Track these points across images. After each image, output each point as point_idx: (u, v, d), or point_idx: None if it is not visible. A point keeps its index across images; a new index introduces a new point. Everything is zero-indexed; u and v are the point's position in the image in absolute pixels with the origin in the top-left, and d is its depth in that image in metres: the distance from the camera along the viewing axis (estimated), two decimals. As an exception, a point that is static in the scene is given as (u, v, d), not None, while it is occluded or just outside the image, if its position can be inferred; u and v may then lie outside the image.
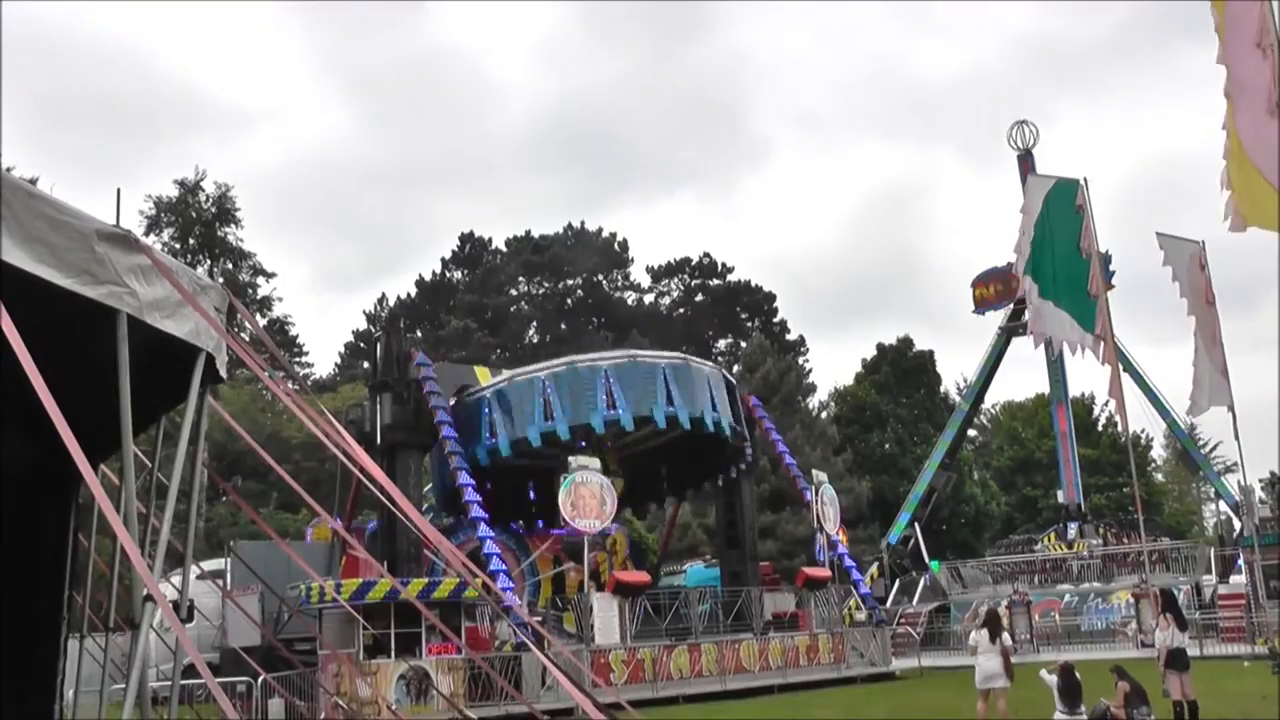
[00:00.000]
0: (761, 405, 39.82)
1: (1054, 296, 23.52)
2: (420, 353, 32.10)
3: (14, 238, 4.72)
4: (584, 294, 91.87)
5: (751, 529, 37.53)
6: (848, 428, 71.44)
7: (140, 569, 4.84)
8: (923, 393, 76.47)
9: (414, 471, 30.84)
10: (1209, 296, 27.94)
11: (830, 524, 35.52)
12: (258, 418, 56.33)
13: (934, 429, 67.95)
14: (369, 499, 38.62)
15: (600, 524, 29.75)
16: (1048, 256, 23.97)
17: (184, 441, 5.82)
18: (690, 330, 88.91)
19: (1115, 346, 23.34)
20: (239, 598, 26.72)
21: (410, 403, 30.74)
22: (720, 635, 31.19)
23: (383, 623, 24.32)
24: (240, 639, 24.94)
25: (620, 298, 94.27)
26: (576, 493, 29.20)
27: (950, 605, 43.74)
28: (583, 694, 6.58)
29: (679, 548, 53.52)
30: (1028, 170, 51.13)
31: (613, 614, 28.39)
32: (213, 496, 51.32)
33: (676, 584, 40.34)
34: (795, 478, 37.77)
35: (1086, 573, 43.70)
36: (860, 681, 31.89)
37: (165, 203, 66.92)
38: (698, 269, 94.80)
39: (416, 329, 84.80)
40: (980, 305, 57.56)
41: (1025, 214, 23.78)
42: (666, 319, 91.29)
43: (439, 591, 24.73)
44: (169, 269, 5.64)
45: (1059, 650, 34.46)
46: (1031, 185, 25.32)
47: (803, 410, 67.50)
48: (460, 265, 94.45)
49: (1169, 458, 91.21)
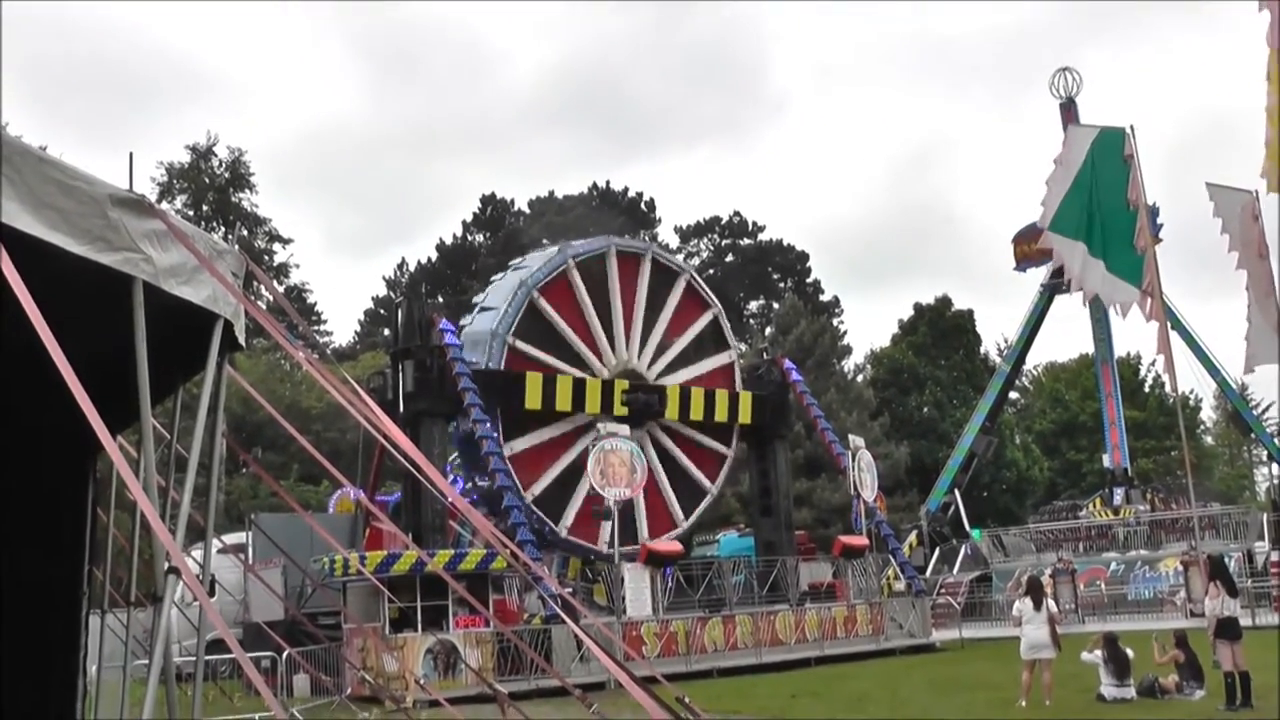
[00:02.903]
0: (796, 368, 39.77)
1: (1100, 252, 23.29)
2: (443, 318, 32.16)
3: (25, 204, 4.71)
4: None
5: (786, 497, 37.55)
6: (885, 391, 71.26)
7: (165, 539, 4.86)
8: (962, 354, 76.20)
9: (438, 440, 30.95)
10: (1262, 249, 27.56)
11: (867, 491, 35.47)
12: (276, 388, 56.60)
13: (974, 391, 67.72)
14: (392, 469, 38.87)
15: (630, 492, 29.80)
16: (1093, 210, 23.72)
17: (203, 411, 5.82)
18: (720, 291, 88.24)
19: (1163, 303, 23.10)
20: (261, 571, 26.91)
21: (433, 370, 30.80)
22: (755, 607, 31.26)
23: (408, 595, 24.47)
24: (263, 613, 25.13)
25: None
26: (605, 460, 29.24)
27: (992, 574, 43.65)
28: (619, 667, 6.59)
29: (711, 517, 53.61)
30: (1070, 120, 50.63)
31: (644, 585, 28.48)
32: (232, 469, 51.63)
33: (709, 554, 40.44)
34: (831, 443, 37.75)
35: (1133, 540, 43.50)
36: (899, 654, 31.87)
37: (177, 169, 67.16)
38: (727, 228, 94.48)
39: (438, 294, 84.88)
40: (1021, 262, 57.20)
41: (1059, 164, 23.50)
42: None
43: (466, 563, 24.87)
44: (184, 234, 5.64)
45: (1104, 620, 34.42)
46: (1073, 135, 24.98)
47: (838, 373, 67.37)
48: (482, 228, 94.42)
49: (1219, 419, 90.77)
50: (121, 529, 7.89)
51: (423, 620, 24.61)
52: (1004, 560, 45.38)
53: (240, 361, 50.72)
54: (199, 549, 6.96)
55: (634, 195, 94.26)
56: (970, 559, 47.38)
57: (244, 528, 32.42)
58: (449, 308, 75.14)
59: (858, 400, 64.20)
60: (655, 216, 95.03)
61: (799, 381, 38.79)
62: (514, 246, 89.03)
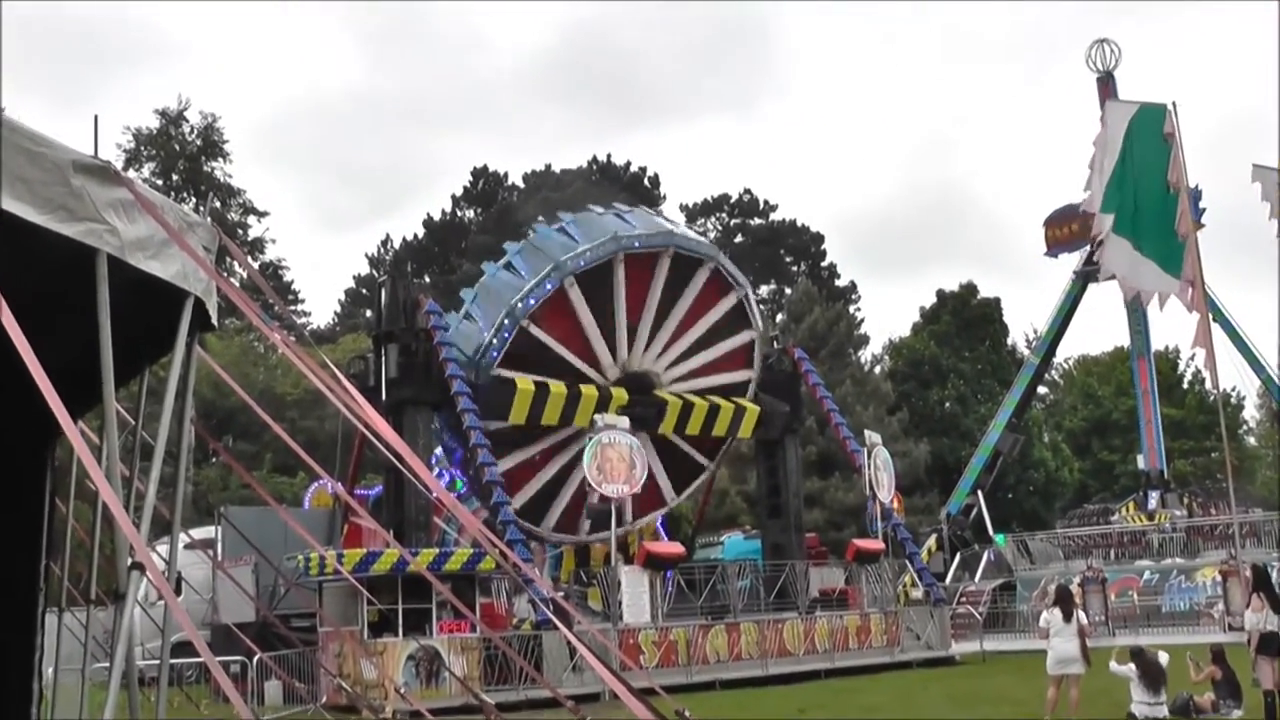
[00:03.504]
0: (808, 359, 39.76)
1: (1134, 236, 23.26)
2: (429, 299, 32.10)
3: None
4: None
5: (796, 496, 37.56)
6: (904, 384, 71.19)
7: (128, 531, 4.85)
8: (988, 345, 76.07)
9: (423, 431, 30.94)
10: (1315, 235, 27.59)
11: (884, 491, 35.48)
12: (249, 372, 56.57)
13: (1000, 386, 67.60)
14: (373, 461, 38.88)
15: (630, 490, 29.80)
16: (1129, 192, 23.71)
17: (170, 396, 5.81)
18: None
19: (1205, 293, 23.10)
20: (231, 569, 26.91)
21: (419, 355, 30.77)
22: (761, 614, 31.26)
23: (389, 597, 24.46)
24: (232, 614, 25.14)
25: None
26: (603, 455, 29.24)
27: (1016, 582, 43.62)
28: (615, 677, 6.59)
29: (716, 517, 53.61)
30: (1107, 95, 50.51)
31: (643, 590, 28.48)
32: (201, 458, 51.64)
33: (713, 557, 40.44)
34: (845, 439, 37.71)
35: (1169, 547, 43.48)
36: (916, 666, 31.92)
37: (145, 135, 67.11)
38: (736, 207, 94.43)
39: (425, 273, 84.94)
40: (1053, 247, 57.09)
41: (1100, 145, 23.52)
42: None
43: (451, 563, 24.85)
44: (153, 204, 5.62)
45: (1137, 633, 34.41)
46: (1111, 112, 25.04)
47: (854, 364, 67.40)
48: (473, 203, 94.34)
49: (1263, 419, 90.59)
50: (82, 521, 7.88)
51: (404, 624, 24.60)
52: (1030, 568, 45.37)
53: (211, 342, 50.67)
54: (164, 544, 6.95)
55: (636, 170, 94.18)
56: (993, 566, 47.36)
57: (213, 522, 32.39)
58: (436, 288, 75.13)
59: (874, 393, 64.21)
60: (659, 193, 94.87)
61: (812, 372, 38.76)
62: (507, 223, 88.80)
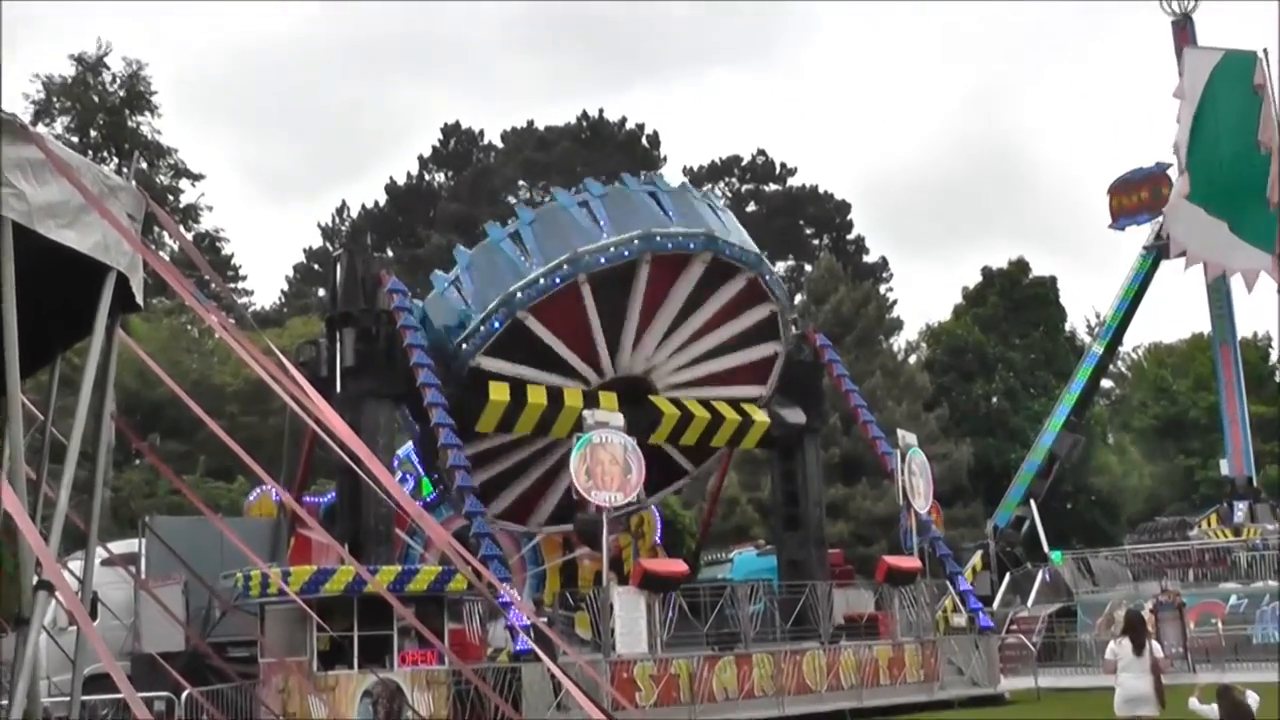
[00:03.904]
0: (831, 346, 39.68)
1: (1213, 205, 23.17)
2: (393, 276, 32.04)
3: None
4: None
5: (817, 506, 37.51)
6: (943, 375, 71.32)
7: (35, 545, 4.81)
8: (1042, 331, 76.20)
9: (384, 428, 30.88)
10: None
11: (920, 500, 35.44)
12: (181, 359, 56.53)
13: (1056, 378, 67.70)
14: (326, 463, 38.83)
15: (624, 497, 29.75)
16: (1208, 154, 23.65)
17: (87, 387, 5.77)
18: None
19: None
20: (156, 589, 26.81)
21: (380, 340, 30.70)
22: (777, 644, 31.23)
23: (343, 622, 24.41)
24: (158, 642, 25.09)
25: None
26: (593, 457, 29.15)
27: (1077, 608, 43.64)
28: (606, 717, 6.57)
29: (724, 529, 53.64)
30: (1185, 42, 50.37)
31: (639, 615, 28.44)
32: (123, 460, 51.57)
33: (720, 576, 40.44)
34: (875, 440, 37.66)
35: (1259, 567, 43.41)
36: (958, 705, 31.89)
37: (58, 84, 66.85)
38: (749, 171, 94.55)
39: (387, 246, 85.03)
40: (1119, 218, 57.03)
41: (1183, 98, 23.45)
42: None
43: (416, 582, 24.81)
44: (68, 165, 5.58)
45: (1222, 669, 34.31)
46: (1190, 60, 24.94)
47: (885, 353, 67.41)
48: (443, 165, 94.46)
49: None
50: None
51: (360, 654, 24.57)
52: (1092, 590, 45.38)
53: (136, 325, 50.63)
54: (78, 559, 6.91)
55: (633, 128, 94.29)
56: (1049, 587, 47.37)
57: (136, 534, 32.35)
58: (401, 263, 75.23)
59: (909, 387, 64.22)
60: (658, 154, 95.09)
61: (836, 362, 38.69)
62: (483, 189, 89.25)
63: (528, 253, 31.64)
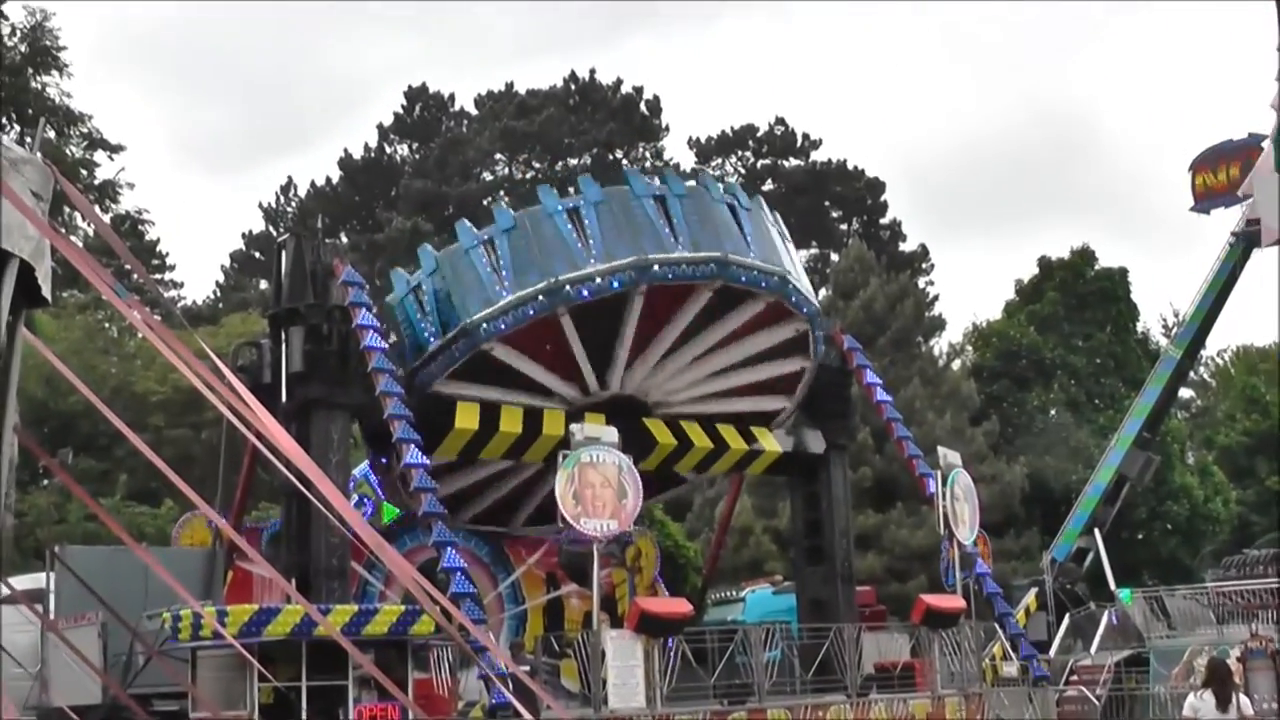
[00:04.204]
0: (861, 349, 39.71)
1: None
2: (348, 266, 32.07)
3: None
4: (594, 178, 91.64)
5: (844, 535, 37.59)
6: (993, 384, 71.39)
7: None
8: (1109, 332, 76.28)
9: (338, 444, 30.87)
10: None
11: (964, 529, 35.48)
12: (98, 362, 56.55)
13: (1126, 387, 67.77)
14: (269, 485, 38.88)
15: (618, 526, 29.77)
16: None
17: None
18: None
19: None
20: (67, 631, 26.85)
21: (332, 341, 30.69)
22: (796, 697, 31.32)
23: (290, 670, 24.45)
24: (69, 694, 25.05)
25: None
26: (582, 478, 29.14)
27: (1150, 655, 43.71)
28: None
29: (735, 563, 53.71)
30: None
31: (635, 663, 28.44)
32: (28, 479, 51.57)
33: (731, 618, 40.49)
34: (912, 459, 37.73)
35: (1368, 609, 43.53)
36: (1009, 767, 32.02)
37: (-59, 39, 66.86)
38: (765, 143, 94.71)
39: (341, 231, 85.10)
40: (1203, 199, 57.09)
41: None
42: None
43: (375, 624, 24.84)
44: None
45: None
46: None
47: (924, 356, 67.49)
48: (407, 136, 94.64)
49: None
50: None
51: (310, 708, 24.62)
52: (1168, 634, 45.44)
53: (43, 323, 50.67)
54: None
55: (629, 91, 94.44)
56: (1116, 631, 47.42)
57: (44, 566, 32.40)
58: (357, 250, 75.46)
59: (953, 396, 64.28)
60: (660, 123, 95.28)
61: (866, 368, 38.71)
62: (453, 162, 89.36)
63: (499, 270, 31.39)
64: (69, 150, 67.39)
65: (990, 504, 47.82)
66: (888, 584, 52.12)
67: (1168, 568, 64.64)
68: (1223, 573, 51.52)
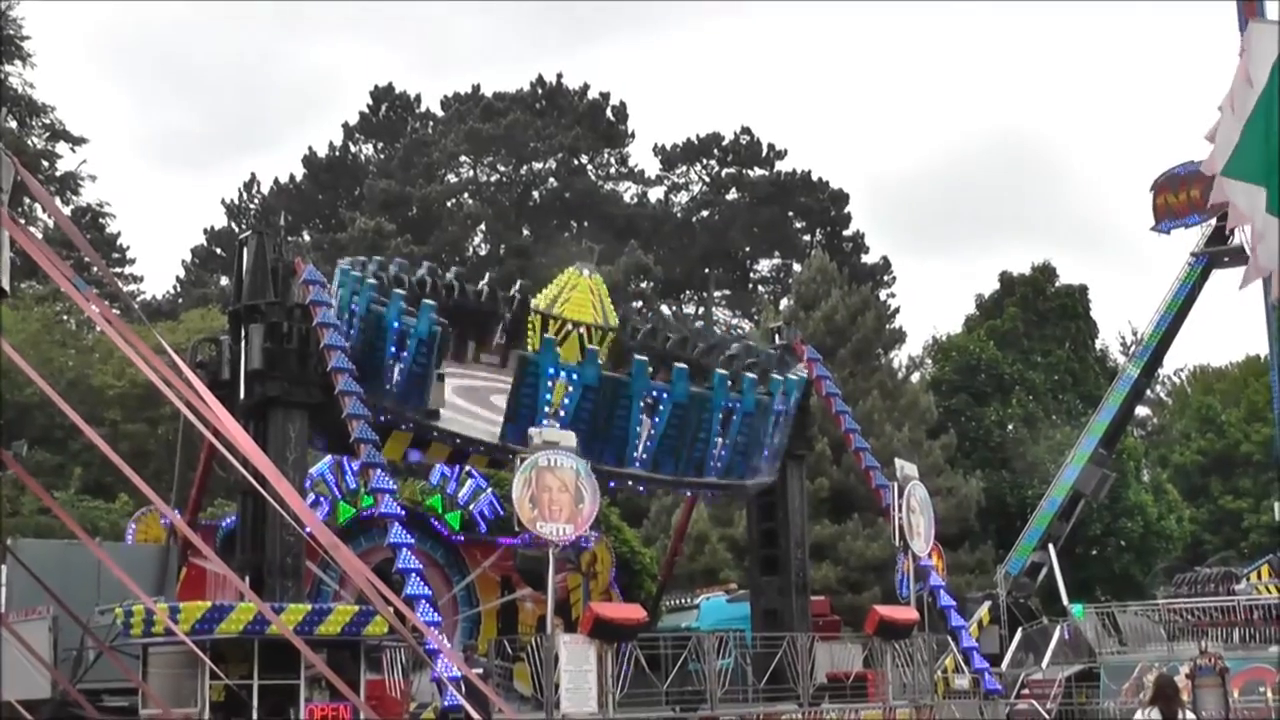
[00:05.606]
0: (821, 360, 39.75)
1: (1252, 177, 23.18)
2: (309, 264, 32.01)
3: None
4: (558, 184, 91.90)
5: (800, 546, 37.57)
6: (951, 398, 71.49)
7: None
8: (1068, 348, 76.52)
9: (295, 442, 30.76)
10: None
11: (920, 541, 35.56)
12: (54, 354, 56.24)
13: (1084, 403, 67.96)
14: (224, 482, 38.74)
15: (575, 530, 29.71)
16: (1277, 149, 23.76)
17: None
18: (718, 244, 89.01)
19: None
20: (17, 625, 26.73)
21: (292, 339, 30.62)
22: (749, 705, 31.33)
23: (241, 669, 24.37)
24: (19, 688, 24.89)
25: (613, 191, 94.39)
26: (539, 482, 29.08)
27: (1100, 670, 43.85)
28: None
29: (690, 570, 53.64)
30: (1251, 15, 50.50)
31: (588, 668, 28.42)
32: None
33: (685, 625, 40.48)
34: (869, 470, 37.81)
35: (1317, 628, 43.67)
36: (958, 780, 32.08)
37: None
38: (730, 151, 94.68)
39: (304, 229, 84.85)
40: (1164, 219, 57.24)
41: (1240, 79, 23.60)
42: (682, 225, 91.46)
43: (328, 624, 24.78)
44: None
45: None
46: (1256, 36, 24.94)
47: (884, 369, 67.50)
48: (372, 136, 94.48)
49: None
50: None
51: (260, 707, 24.53)
52: (1119, 650, 45.59)
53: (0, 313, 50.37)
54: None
55: (596, 97, 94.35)
56: (1068, 646, 47.55)
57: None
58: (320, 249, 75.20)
59: (911, 409, 64.32)
60: (626, 130, 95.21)
61: (826, 379, 38.77)
62: (418, 163, 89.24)
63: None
64: (30, 141, 67.00)
65: (946, 517, 47.92)
66: (842, 595, 52.11)
67: (1120, 584, 64.83)
68: (1174, 590, 51.71)
